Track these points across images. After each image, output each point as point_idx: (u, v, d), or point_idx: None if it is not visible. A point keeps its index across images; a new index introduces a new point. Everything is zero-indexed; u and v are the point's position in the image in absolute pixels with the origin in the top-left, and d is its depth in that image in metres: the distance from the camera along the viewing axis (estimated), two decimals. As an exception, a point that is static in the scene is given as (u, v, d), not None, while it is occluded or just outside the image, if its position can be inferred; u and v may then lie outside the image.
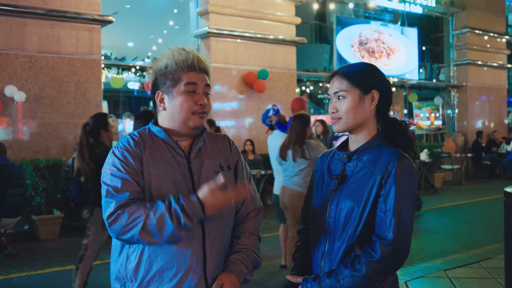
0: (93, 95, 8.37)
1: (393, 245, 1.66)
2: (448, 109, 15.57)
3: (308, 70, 12.42)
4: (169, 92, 1.81)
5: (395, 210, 1.67)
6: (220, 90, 9.94)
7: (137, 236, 1.64)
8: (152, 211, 1.65)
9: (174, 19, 13.82)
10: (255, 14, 10.28)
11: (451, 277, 4.86)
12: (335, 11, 13.39)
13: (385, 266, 1.67)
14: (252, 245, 1.86)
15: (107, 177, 1.74)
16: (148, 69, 1.91)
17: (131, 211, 1.65)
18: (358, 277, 1.67)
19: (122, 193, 1.69)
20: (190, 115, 1.79)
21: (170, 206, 1.65)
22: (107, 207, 1.69)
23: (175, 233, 1.65)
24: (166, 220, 1.63)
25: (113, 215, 1.66)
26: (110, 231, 1.69)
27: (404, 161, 1.71)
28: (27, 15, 7.76)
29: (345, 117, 1.79)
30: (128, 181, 1.71)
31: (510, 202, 3.38)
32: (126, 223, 1.64)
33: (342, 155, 1.84)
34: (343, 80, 1.80)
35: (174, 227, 1.64)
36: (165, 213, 1.64)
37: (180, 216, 1.64)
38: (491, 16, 15.46)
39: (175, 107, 1.79)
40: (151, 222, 1.63)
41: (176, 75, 1.80)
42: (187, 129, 1.82)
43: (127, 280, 1.75)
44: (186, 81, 1.79)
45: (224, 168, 1.88)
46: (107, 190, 1.71)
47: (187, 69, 1.80)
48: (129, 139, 1.80)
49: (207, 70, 1.87)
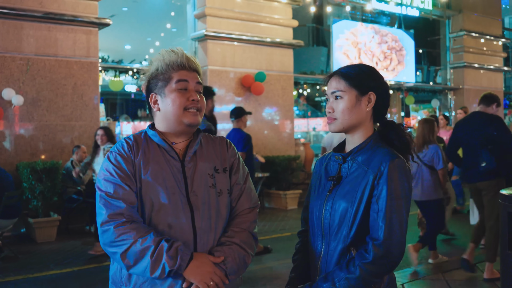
0: (90, 98, 8.36)
1: (385, 246, 1.65)
2: (445, 111, 15.60)
3: (305, 72, 12.44)
4: (162, 92, 1.83)
5: (386, 210, 1.67)
6: (218, 92, 9.93)
7: (118, 255, 1.68)
8: (141, 238, 1.66)
9: (171, 22, 13.84)
10: (252, 17, 10.29)
11: (448, 280, 4.87)
12: (332, 14, 13.43)
13: (378, 267, 1.67)
14: (239, 238, 1.82)
15: (101, 182, 1.76)
16: (141, 76, 1.94)
17: (122, 230, 1.67)
18: (353, 279, 1.66)
19: (115, 199, 1.71)
20: (182, 111, 1.80)
21: (159, 241, 1.67)
22: (100, 214, 1.72)
23: (148, 269, 1.64)
24: (147, 253, 1.64)
25: (105, 225, 1.69)
26: (100, 237, 1.72)
27: (397, 161, 1.71)
28: (24, 17, 7.76)
29: (341, 117, 1.80)
30: (120, 186, 1.72)
31: (505, 204, 3.40)
32: (115, 239, 1.67)
33: (337, 156, 1.84)
34: (341, 80, 1.81)
35: (149, 263, 1.64)
36: (151, 246, 1.65)
37: (164, 253, 1.64)
38: (487, 19, 15.51)
39: (168, 104, 1.81)
40: (135, 248, 1.66)
41: (167, 75, 1.83)
42: (182, 126, 1.82)
43: (122, 284, 1.77)
44: (177, 79, 1.82)
45: (219, 171, 1.87)
46: (100, 196, 1.74)
47: (177, 68, 1.83)
48: (123, 143, 1.82)
49: (197, 69, 1.89)
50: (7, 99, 7.55)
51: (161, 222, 1.74)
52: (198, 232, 1.76)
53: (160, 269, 1.64)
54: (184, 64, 1.84)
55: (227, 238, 1.81)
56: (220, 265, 1.74)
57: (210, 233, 1.79)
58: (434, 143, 5.49)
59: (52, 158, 7.82)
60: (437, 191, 5.44)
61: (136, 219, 1.72)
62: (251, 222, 1.89)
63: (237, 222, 1.86)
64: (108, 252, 1.72)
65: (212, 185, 1.83)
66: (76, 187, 7.53)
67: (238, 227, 1.85)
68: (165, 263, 1.63)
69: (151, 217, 1.75)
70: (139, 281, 1.73)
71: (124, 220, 1.68)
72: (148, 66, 1.91)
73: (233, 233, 1.83)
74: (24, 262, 5.91)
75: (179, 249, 1.67)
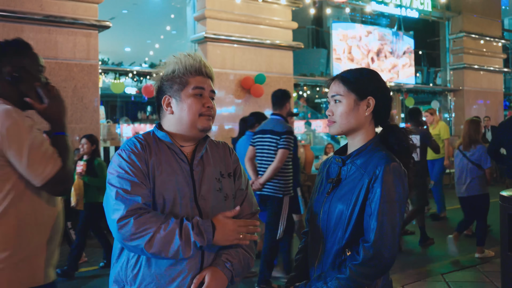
0: (90, 100, 8.37)
1: (375, 248, 1.67)
2: (445, 113, 15.61)
3: (305, 74, 12.44)
4: (177, 95, 1.84)
5: (378, 213, 1.69)
6: (218, 94, 9.93)
7: (142, 246, 1.65)
8: (164, 224, 1.66)
9: (171, 24, 13.85)
10: (252, 19, 10.30)
11: (449, 281, 4.87)
12: (331, 16, 13.44)
13: (368, 269, 1.68)
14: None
15: (114, 179, 1.74)
16: (153, 77, 1.94)
17: (143, 220, 1.66)
18: (342, 279, 1.69)
19: (133, 196, 1.70)
20: (197, 117, 1.82)
21: (181, 222, 1.68)
22: (116, 209, 1.69)
23: (180, 251, 1.66)
24: (175, 235, 1.65)
25: (124, 219, 1.67)
26: (117, 233, 1.68)
27: (392, 165, 1.73)
28: (25, 20, 7.76)
29: (339, 121, 1.83)
30: (137, 183, 1.72)
31: (506, 206, 3.40)
32: (136, 231, 1.65)
33: (337, 159, 1.88)
34: (341, 84, 1.85)
35: (180, 244, 1.65)
36: (175, 229, 1.66)
37: (190, 232, 1.66)
38: (487, 20, 15.53)
39: (183, 109, 1.82)
40: (160, 235, 1.65)
41: (184, 79, 1.84)
42: (195, 131, 1.84)
43: (126, 283, 1.76)
44: (194, 85, 1.83)
45: (224, 176, 1.90)
46: (117, 192, 1.71)
47: (194, 73, 1.85)
48: (135, 142, 1.81)
49: (212, 76, 1.91)
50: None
51: None
52: None
53: (192, 249, 1.67)
54: (201, 70, 1.86)
55: None
56: (227, 267, 1.77)
57: None
58: (481, 143, 5.95)
59: (52, 161, 7.82)
60: (484, 187, 5.90)
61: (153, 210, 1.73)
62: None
63: None
64: (128, 246, 1.68)
65: (219, 189, 1.86)
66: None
67: None
68: (195, 241, 1.66)
69: None
70: (145, 281, 1.72)
71: (143, 211, 1.68)
72: (159, 68, 1.92)
73: None
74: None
75: (200, 225, 1.69)
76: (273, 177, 4.67)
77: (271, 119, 4.91)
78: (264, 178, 4.67)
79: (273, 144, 4.68)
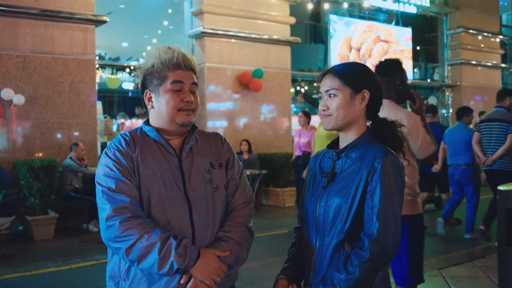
0: (87, 96, 8.35)
1: (381, 242, 1.68)
2: (442, 108, 15.62)
3: (303, 70, 12.43)
4: (156, 90, 1.83)
5: (381, 206, 1.70)
6: (215, 90, 9.94)
7: (123, 251, 1.67)
8: (147, 234, 1.66)
9: (168, 19, 13.80)
10: (250, 14, 10.28)
11: (445, 276, 4.88)
12: (329, 11, 13.42)
13: (376, 263, 1.70)
14: (236, 234, 1.84)
15: (101, 177, 1.76)
16: (137, 70, 1.93)
17: (128, 226, 1.67)
18: (353, 280, 1.69)
19: (118, 194, 1.71)
20: (176, 112, 1.80)
21: (167, 238, 1.67)
22: (103, 209, 1.71)
23: (156, 266, 1.64)
24: (153, 249, 1.65)
25: (110, 220, 1.68)
26: (103, 232, 1.71)
27: (390, 157, 1.75)
28: (21, 15, 7.73)
29: (335, 115, 1.83)
30: (121, 181, 1.73)
31: (503, 200, 3.40)
32: (120, 234, 1.67)
33: (331, 153, 1.88)
34: (335, 78, 1.84)
35: (156, 259, 1.64)
36: (156, 243, 1.65)
37: (172, 251, 1.65)
38: (485, 16, 15.53)
39: (162, 104, 1.81)
40: (141, 244, 1.65)
41: (163, 74, 1.82)
42: (175, 126, 1.83)
43: (120, 279, 1.78)
44: (172, 79, 1.81)
45: (215, 167, 1.89)
46: (102, 191, 1.73)
47: (173, 67, 1.82)
48: (120, 139, 1.82)
49: (194, 68, 1.88)
50: (7, 99, 7.53)
51: (159, 217, 1.75)
52: (196, 227, 1.78)
53: (168, 266, 1.65)
54: (180, 63, 1.82)
55: (224, 233, 1.82)
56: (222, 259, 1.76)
57: (207, 228, 1.80)
58: None
59: (49, 156, 7.81)
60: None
61: (141, 214, 1.72)
62: (246, 216, 1.91)
63: (233, 216, 1.88)
64: (111, 247, 1.71)
65: (209, 181, 1.84)
66: (74, 184, 7.53)
67: (234, 222, 1.86)
68: (173, 260, 1.64)
69: (149, 212, 1.75)
70: (137, 276, 1.73)
71: (129, 215, 1.68)
72: (143, 61, 1.91)
73: (229, 228, 1.84)
74: (21, 259, 5.91)
75: (187, 247, 1.68)
76: (504, 155, 6.02)
77: (495, 111, 6.23)
78: (496, 155, 5.98)
79: (503, 130, 6.07)
